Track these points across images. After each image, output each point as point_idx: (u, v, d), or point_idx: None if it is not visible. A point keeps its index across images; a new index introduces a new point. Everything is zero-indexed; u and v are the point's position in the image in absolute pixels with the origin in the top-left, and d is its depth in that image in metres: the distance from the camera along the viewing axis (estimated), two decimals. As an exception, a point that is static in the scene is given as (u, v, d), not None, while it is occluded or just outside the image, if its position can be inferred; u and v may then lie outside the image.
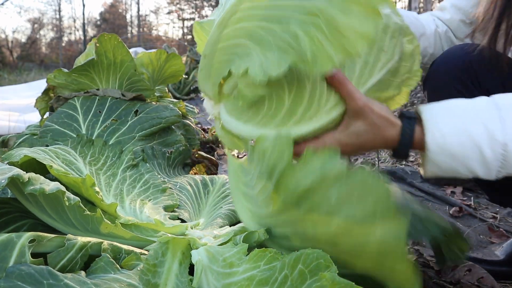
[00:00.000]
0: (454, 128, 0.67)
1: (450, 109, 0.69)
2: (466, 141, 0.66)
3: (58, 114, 1.24)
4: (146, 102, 1.38)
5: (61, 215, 0.68)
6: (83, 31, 25.31)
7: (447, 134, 0.66)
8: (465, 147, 0.66)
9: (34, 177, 0.61)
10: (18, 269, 0.46)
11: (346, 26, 0.55)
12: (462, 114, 0.68)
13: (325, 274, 0.48)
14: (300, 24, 0.56)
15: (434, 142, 0.67)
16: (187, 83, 5.70)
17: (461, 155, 0.66)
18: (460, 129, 0.66)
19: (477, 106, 0.68)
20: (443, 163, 0.67)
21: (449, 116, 0.68)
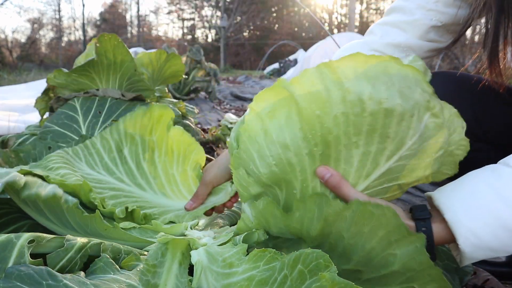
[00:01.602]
0: (484, 221, 0.60)
1: (467, 199, 0.62)
2: (501, 232, 0.59)
3: (58, 115, 1.24)
4: (146, 102, 1.37)
5: (60, 218, 0.68)
6: (83, 31, 25.30)
7: (480, 231, 0.60)
8: (501, 237, 0.60)
9: (30, 181, 0.61)
10: (17, 270, 0.46)
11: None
12: (482, 200, 0.61)
13: (325, 274, 0.48)
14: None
15: (469, 244, 0.60)
16: (187, 83, 5.70)
17: (499, 245, 0.60)
18: (489, 221, 0.60)
19: (497, 185, 0.61)
20: (481, 256, 0.62)
21: (471, 208, 0.61)
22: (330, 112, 0.57)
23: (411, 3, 0.98)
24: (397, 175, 0.64)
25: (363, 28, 31.36)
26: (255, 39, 30.46)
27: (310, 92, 0.58)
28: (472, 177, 0.65)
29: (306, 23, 31.03)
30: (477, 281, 1.01)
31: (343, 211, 0.58)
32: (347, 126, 0.58)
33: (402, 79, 0.58)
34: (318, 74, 0.58)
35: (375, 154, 0.60)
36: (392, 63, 0.58)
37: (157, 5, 46.26)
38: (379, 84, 0.57)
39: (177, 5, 31.63)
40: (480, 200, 0.61)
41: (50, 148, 1.13)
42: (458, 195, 0.63)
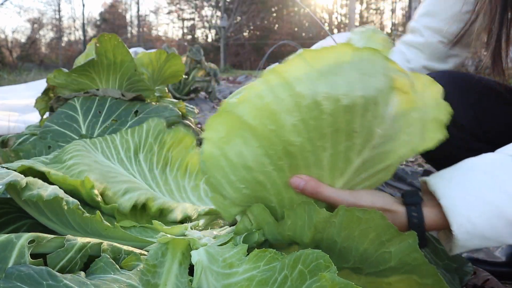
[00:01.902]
0: (481, 210, 0.59)
1: (465, 186, 0.60)
2: (496, 221, 0.58)
3: (58, 115, 1.24)
4: (146, 102, 1.37)
5: (60, 218, 0.68)
6: (83, 31, 25.31)
7: (476, 219, 0.58)
8: (497, 227, 0.59)
9: (31, 182, 0.61)
10: (18, 270, 0.46)
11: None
12: (481, 189, 0.60)
13: (325, 275, 0.48)
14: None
15: (463, 231, 0.59)
16: (187, 83, 5.70)
17: (493, 234, 0.59)
18: (487, 210, 0.58)
19: (498, 176, 0.60)
20: (473, 245, 0.60)
21: (469, 195, 0.60)
22: (285, 123, 0.54)
23: (419, 24, 1.01)
24: (376, 162, 0.62)
25: (363, 28, 31.20)
26: (255, 39, 30.47)
27: (259, 108, 0.54)
28: (471, 164, 0.63)
29: (306, 23, 31.03)
30: (477, 281, 1.01)
31: (331, 218, 0.57)
32: (309, 132, 0.55)
33: (358, 67, 0.53)
34: (266, 84, 0.54)
35: (345, 153, 0.58)
36: (344, 51, 0.52)
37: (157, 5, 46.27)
38: (334, 79, 0.52)
39: (177, 5, 31.63)
40: (479, 188, 0.59)
41: (50, 147, 1.13)
42: (456, 182, 0.61)
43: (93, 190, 0.75)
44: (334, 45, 0.53)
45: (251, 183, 0.60)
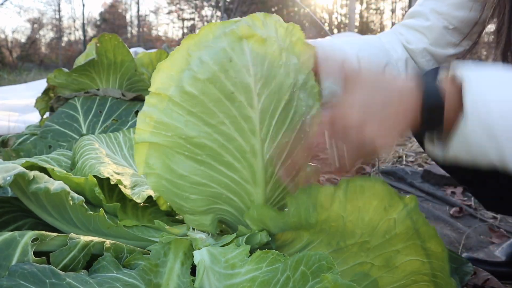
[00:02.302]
0: (502, 97, 0.52)
1: (494, 76, 0.55)
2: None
3: (58, 114, 1.24)
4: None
5: (62, 215, 0.68)
6: (83, 31, 25.32)
7: (491, 101, 0.52)
8: (508, 121, 0.51)
9: (38, 176, 0.62)
10: (21, 268, 0.46)
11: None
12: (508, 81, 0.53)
13: (327, 276, 0.48)
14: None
15: (475, 107, 0.52)
16: (187, 84, 5.70)
17: (501, 132, 0.51)
18: (507, 99, 0.52)
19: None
20: (476, 138, 0.53)
21: (495, 82, 0.54)
22: (179, 124, 0.61)
23: (425, 8, 0.99)
24: (282, 97, 0.63)
25: (363, 28, 31.37)
26: (255, 39, 30.36)
27: (159, 128, 0.61)
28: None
29: (306, 23, 31.04)
30: (477, 281, 1.01)
31: (335, 192, 0.58)
32: (199, 118, 0.60)
33: (204, 45, 0.59)
34: (143, 120, 0.63)
35: (240, 111, 0.60)
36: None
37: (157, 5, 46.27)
38: (194, 64, 0.59)
39: (177, 5, 31.62)
40: (507, 81, 0.53)
41: (51, 147, 1.13)
42: (481, 69, 0.55)
43: (97, 188, 0.75)
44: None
45: (197, 188, 0.65)
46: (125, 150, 1.01)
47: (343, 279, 0.48)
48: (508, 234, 1.39)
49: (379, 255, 0.61)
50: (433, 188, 1.87)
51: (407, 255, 0.60)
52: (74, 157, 0.92)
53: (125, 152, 1.00)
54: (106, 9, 31.70)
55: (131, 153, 1.01)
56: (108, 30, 26.86)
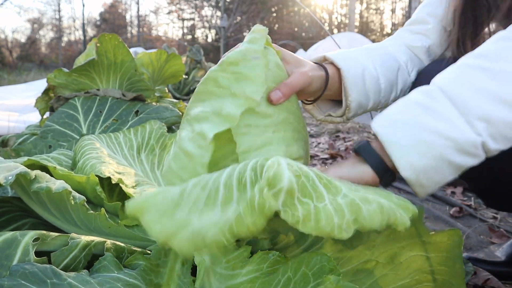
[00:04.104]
0: (392, 107, 0.65)
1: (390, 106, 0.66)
2: (400, 104, 0.64)
3: (59, 114, 1.24)
4: (147, 102, 1.38)
5: (63, 214, 0.68)
6: (83, 31, 25.32)
7: (387, 114, 0.64)
8: (402, 108, 0.64)
9: (40, 175, 0.62)
10: (22, 268, 0.46)
11: None
12: (398, 101, 0.66)
13: (329, 277, 0.48)
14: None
15: (377, 124, 0.64)
16: (187, 83, 5.70)
17: (403, 116, 0.63)
18: (397, 104, 0.64)
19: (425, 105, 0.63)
20: (398, 136, 0.62)
21: (389, 107, 0.65)
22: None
23: (423, 13, 1.04)
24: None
25: (363, 28, 31.35)
26: (255, 39, 30.33)
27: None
28: (406, 100, 0.66)
29: (306, 23, 31.02)
30: (478, 281, 1.01)
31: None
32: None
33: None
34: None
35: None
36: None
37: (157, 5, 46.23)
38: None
39: (177, 5, 31.61)
40: (406, 122, 0.63)
41: (51, 146, 1.13)
42: (392, 120, 0.64)
43: (98, 187, 0.75)
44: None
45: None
46: (126, 150, 1.01)
47: (345, 278, 0.48)
48: (508, 234, 1.40)
49: (384, 251, 0.61)
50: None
51: (411, 250, 0.61)
52: (75, 157, 0.92)
53: (126, 152, 1.01)
54: (106, 9, 31.72)
55: (132, 153, 1.01)
56: (108, 30, 26.84)
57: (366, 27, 31.88)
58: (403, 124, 0.62)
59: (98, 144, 0.96)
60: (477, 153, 0.60)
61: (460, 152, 0.60)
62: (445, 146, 0.59)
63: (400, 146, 0.61)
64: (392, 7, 32.12)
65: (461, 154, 0.60)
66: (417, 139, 0.60)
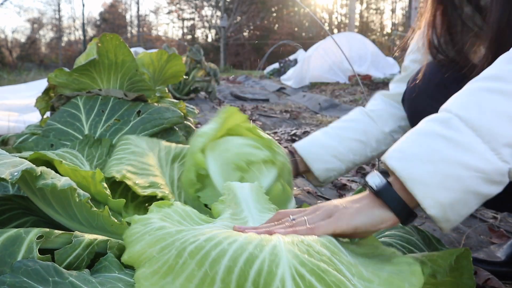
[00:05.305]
0: (404, 141, 0.62)
1: (401, 140, 0.64)
2: (418, 138, 0.61)
3: (61, 113, 1.24)
4: (148, 102, 1.38)
5: (67, 211, 0.68)
6: (83, 31, 25.31)
7: (400, 147, 0.61)
8: (422, 142, 0.60)
9: (45, 171, 0.62)
10: (25, 265, 0.46)
11: None
12: (410, 132, 0.63)
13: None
14: None
15: (394, 159, 0.60)
16: (187, 83, 5.70)
17: (425, 151, 0.59)
18: (409, 138, 0.62)
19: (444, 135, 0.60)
20: (420, 173, 0.58)
21: (399, 141, 0.63)
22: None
23: (407, 61, 1.15)
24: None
25: (363, 28, 31.31)
26: (255, 39, 30.43)
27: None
28: (420, 130, 0.63)
29: (306, 23, 31.01)
30: (478, 281, 1.01)
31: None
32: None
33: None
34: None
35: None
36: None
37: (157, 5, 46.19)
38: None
39: (177, 5, 31.61)
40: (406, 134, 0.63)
41: (53, 145, 1.14)
42: (410, 153, 0.61)
43: (103, 183, 0.75)
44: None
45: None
46: (163, 153, 1.06)
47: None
48: (508, 234, 1.40)
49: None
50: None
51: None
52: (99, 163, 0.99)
53: (162, 155, 1.04)
54: (106, 9, 31.69)
55: (167, 158, 1.04)
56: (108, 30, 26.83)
57: (366, 27, 31.85)
58: (424, 159, 0.58)
59: (134, 144, 0.99)
60: (503, 180, 0.58)
61: (488, 182, 0.57)
62: (472, 177, 0.56)
63: (425, 184, 0.57)
64: (392, 7, 32.07)
65: (489, 184, 0.57)
66: (443, 174, 0.57)
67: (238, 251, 0.47)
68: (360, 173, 2.18)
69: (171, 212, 0.60)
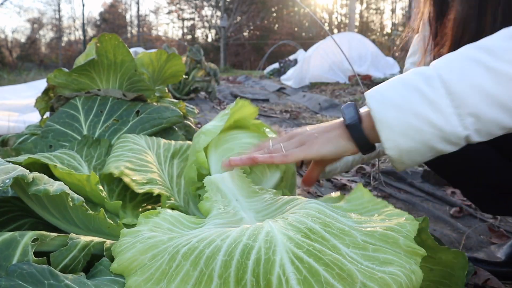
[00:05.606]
0: (389, 83, 0.68)
1: (387, 82, 0.70)
2: (400, 85, 0.66)
3: (59, 114, 1.24)
4: (147, 102, 1.37)
5: (63, 214, 0.68)
6: (83, 31, 25.31)
7: (382, 88, 0.67)
8: (401, 91, 0.65)
9: (38, 177, 0.61)
10: (20, 268, 0.46)
11: None
12: (398, 76, 0.69)
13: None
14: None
15: (373, 100, 0.66)
16: (187, 83, 5.70)
17: (401, 100, 0.64)
18: (394, 82, 0.67)
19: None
20: (391, 118, 0.64)
21: (386, 82, 0.69)
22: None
23: (407, 64, 1.14)
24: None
25: (363, 28, 31.32)
26: (255, 39, 30.42)
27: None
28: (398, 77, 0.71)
29: (306, 23, 31.01)
30: (478, 281, 1.01)
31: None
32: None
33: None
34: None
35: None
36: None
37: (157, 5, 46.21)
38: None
39: (177, 5, 31.62)
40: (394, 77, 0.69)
41: (51, 146, 1.13)
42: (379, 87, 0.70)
43: (98, 186, 0.75)
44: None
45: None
46: (161, 150, 1.04)
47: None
48: (508, 234, 1.39)
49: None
50: (433, 188, 1.87)
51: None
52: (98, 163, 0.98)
53: (161, 152, 1.03)
54: (106, 9, 31.71)
55: (167, 154, 1.03)
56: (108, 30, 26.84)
57: (366, 27, 31.86)
58: (398, 105, 0.64)
59: (132, 141, 0.99)
60: (459, 143, 0.64)
61: (444, 140, 0.64)
62: (432, 134, 0.63)
63: (391, 129, 0.64)
64: (392, 7, 32.09)
65: (445, 142, 0.64)
66: (408, 124, 0.63)
67: (232, 245, 0.47)
68: (360, 173, 2.18)
69: (159, 220, 0.59)
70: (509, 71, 0.60)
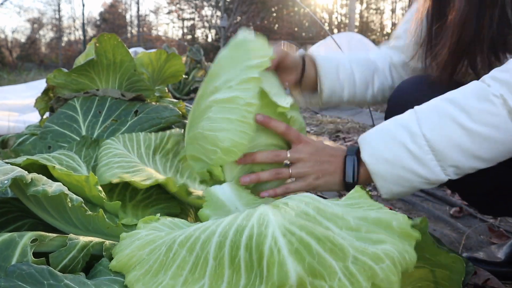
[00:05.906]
0: (379, 137, 0.78)
1: (377, 128, 0.80)
2: (390, 141, 0.76)
3: (58, 115, 1.24)
4: (146, 102, 1.37)
5: (62, 215, 0.68)
6: (83, 31, 25.31)
7: (374, 143, 0.77)
8: (391, 148, 0.75)
9: (36, 178, 0.61)
10: (19, 269, 0.46)
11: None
12: (386, 127, 0.79)
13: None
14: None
15: (367, 154, 0.77)
16: (187, 83, 5.70)
17: (392, 156, 0.75)
18: (384, 136, 0.77)
19: (398, 117, 0.79)
20: (384, 171, 0.76)
21: (376, 132, 0.79)
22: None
23: (400, 30, 1.16)
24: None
25: (363, 28, 31.32)
26: (255, 39, 30.29)
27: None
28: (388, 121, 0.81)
29: (306, 23, 31.01)
30: (478, 281, 1.01)
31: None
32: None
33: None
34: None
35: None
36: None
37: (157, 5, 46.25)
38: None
39: (177, 5, 31.60)
40: (384, 126, 0.79)
41: (50, 147, 1.13)
42: (372, 129, 0.81)
43: (97, 186, 0.75)
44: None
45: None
46: (143, 149, 1.04)
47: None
48: (508, 234, 1.39)
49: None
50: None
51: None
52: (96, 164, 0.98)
53: (142, 151, 1.03)
54: (106, 9, 31.70)
55: (148, 152, 1.03)
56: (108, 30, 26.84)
57: (366, 27, 31.86)
58: (389, 161, 0.76)
59: (113, 147, 0.98)
60: (441, 183, 0.77)
61: (429, 184, 0.77)
62: (420, 182, 0.76)
63: (384, 179, 0.77)
64: (392, 7, 32.09)
65: (429, 185, 0.77)
66: (399, 176, 0.76)
67: (226, 227, 0.48)
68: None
69: (158, 225, 0.60)
70: (482, 131, 0.71)
